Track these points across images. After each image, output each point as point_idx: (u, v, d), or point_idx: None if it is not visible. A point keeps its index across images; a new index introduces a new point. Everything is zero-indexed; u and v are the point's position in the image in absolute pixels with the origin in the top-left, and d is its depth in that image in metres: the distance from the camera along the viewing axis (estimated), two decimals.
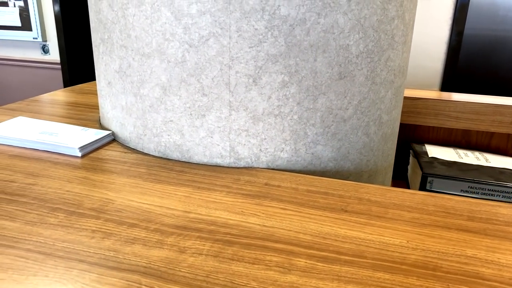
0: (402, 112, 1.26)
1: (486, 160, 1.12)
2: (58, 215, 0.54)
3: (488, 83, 2.58)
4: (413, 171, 1.15)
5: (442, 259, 0.47)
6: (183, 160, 0.72)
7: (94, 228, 0.51)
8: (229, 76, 0.65)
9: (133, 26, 0.69)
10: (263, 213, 0.56)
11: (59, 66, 3.33)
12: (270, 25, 0.63)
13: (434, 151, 1.17)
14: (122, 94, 0.75)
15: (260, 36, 0.63)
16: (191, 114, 0.69)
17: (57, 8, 3.12)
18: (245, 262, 0.45)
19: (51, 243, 0.48)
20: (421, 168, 1.02)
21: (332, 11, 0.64)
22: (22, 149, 0.75)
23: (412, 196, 0.62)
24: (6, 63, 3.43)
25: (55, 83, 3.40)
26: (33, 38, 3.29)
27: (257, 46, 0.64)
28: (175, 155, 0.73)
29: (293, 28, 0.63)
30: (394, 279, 0.44)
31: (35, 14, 3.21)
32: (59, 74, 3.36)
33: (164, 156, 0.74)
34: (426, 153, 1.15)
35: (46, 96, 1.14)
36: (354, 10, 0.65)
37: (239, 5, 0.61)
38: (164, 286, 0.41)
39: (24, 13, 3.19)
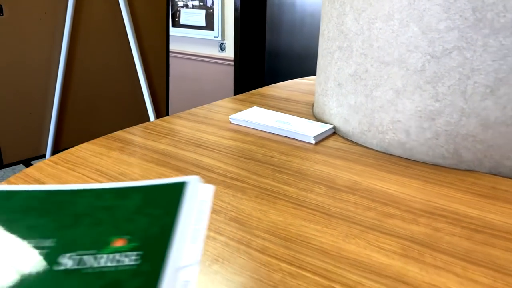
0: None
1: None
2: (321, 187, 0.68)
3: None
4: None
5: None
6: (405, 157, 0.82)
7: (355, 202, 0.64)
8: (466, 86, 0.72)
9: (377, 37, 0.80)
10: (501, 212, 0.62)
11: (232, 63, 3.75)
12: None
13: None
14: (352, 94, 0.88)
15: (506, 51, 0.68)
16: (420, 116, 0.78)
17: (237, 11, 3.51)
18: (498, 249, 0.53)
19: (328, 207, 0.62)
20: None
21: None
22: (265, 133, 0.93)
23: None
24: (189, 58, 3.99)
25: (227, 78, 3.83)
26: (214, 37, 3.75)
27: (501, 60, 0.69)
28: (398, 152, 0.82)
29: None
30: None
31: (218, 16, 3.66)
32: (231, 70, 3.78)
33: (386, 152, 0.84)
34: None
35: (261, 90, 1.35)
36: None
37: (489, 22, 0.68)
38: (433, 254, 0.51)
39: (209, 14, 3.65)
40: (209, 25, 3.74)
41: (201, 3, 3.68)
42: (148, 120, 2.04)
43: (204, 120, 1.01)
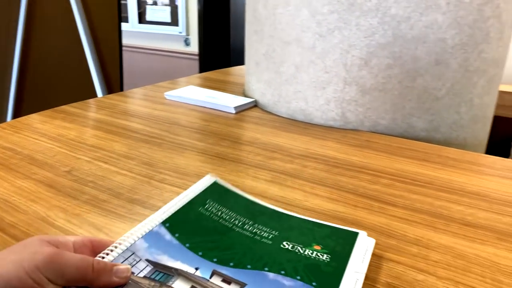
0: (506, 106, 1.34)
1: None
2: (226, 142, 0.83)
3: None
4: None
5: (495, 193, 0.64)
6: (306, 121, 0.98)
7: (250, 151, 0.79)
8: (346, 59, 0.89)
9: (280, 21, 0.96)
10: (362, 155, 0.78)
11: (197, 57, 3.88)
12: (382, 21, 0.84)
13: None
14: (265, 71, 1.04)
15: (373, 29, 0.85)
16: (315, 87, 0.94)
17: (200, 6, 3.63)
18: (346, 177, 0.69)
19: (226, 154, 0.77)
20: None
21: (433, 11, 0.83)
22: (195, 106, 1.08)
23: (485, 158, 0.78)
24: (155, 53, 4.08)
25: (192, 71, 3.95)
26: (179, 33, 3.86)
27: (370, 37, 0.86)
28: (300, 117, 0.98)
29: (400, 24, 0.84)
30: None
31: (182, 12, 3.77)
32: (196, 64, 3.91)
33: (292, 118, 1.00)
34: None
35: (203, 75, 1.50)
36: (452, 10, 0.83)
37: (359, 6, 0.84)
38: (294, 180, 0.67)
39: (173, 11, 3.75)
40: (174, 21, 3.85)
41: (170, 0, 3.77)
42: None
43: (143, 97, 1.15)
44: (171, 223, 0.46)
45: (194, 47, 3.88)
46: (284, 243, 0.46)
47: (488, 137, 1.05)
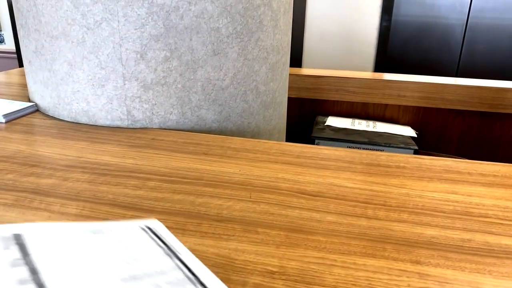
0: (309, 89, 1.45)
1: (374, 127, 1.32)
2: None
3: (417, 66, 2.82)
4: None
5: (258, 180, 0.65)
6: (91, 123, 0.88)
7: (1, 167, 0.67)
8: (121, 53, 0.81)
9: (43, 13, 0.83)
10: (139, 157, 0.73)
11: (15, 55, 3.38)
12: (150, 11, 0.79)
13: (332, 120, 1.37)
14: (39, 70, 0.90)
15: (143, 20, 0.79)
16: (93, 84, 0.85)
17: None
18: (110, 185, 0.62)
19: None
20: (312, 133, 1.22)
21: (201, 0, 0.81)
22: None
23: (263, 144, 0.80)
24: None
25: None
26: None
27: (141, 28, 0.80)
28: (84, 119, 0.88)
29: (169, 14, 0.80)
30: (216, 190, 0.61)
31: None
32: (15, 63, 3.41)
33: (76, 121, 0.89)
34: (324, 122, 1.35)
35: None
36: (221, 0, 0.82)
37: None
38: (44, 199, 0.58)
39: None
40: None
41: None
42: None
43: None
44: None
45: (10, 44, 3.37)
46: None
47: (289, 120, 1.10)
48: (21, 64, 3.30)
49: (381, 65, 2.66)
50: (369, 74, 1.46)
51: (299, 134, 1.52)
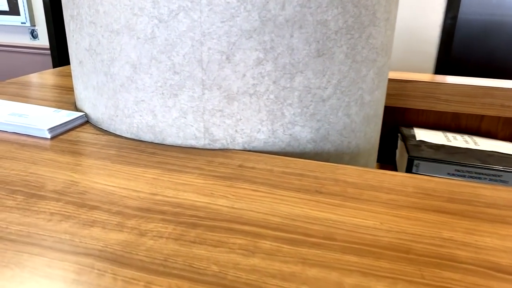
0: (391, 95, 1.23)
1: (475, 143, 1.10)
2: (16, 198, 0.51)
3: (483, 67, 2.55)
4: (401, 155, 1.13)
5: (416, 241, 0.45)
6: (157, 142, 0.70)
7: (53, 211, 0.49)
8: (201, 53, 0.62)
9: (101, 1, 0.65)
10: (233, 195, 0.53)
11: (49, 52, 3.27)
12: None
13: (422, 134, 1.15)
14: (93, 73, 0.72)
15: (232, 10, 0.60)
16: (163, 93, 0.66)
17: None
18: (207, 245, 0.43)
19: (4, 226, 0.45)
20: (408, 151, 1.00)
21: None
22: None
23: (391, 177, 0.60)
24: None
25: (44, 69, 3.34)
26: (21, 23, 3.23)
27: (230, 21, 0.60)
28: (148, 136, 0.70)
29: (267, 2, 0.60)
30: (363, 262, 0.41)
31: None
32: (49, 60, 3.31)
33: (137, 138, 0.71)
34: (414, 136, 1.13)
35: (24, 78, 1.10)
36: None
37: None
38: (118, 270, 0.39)
39: None
40: (14, 9, 3.19)
41: None
42: None
43: None
44: None
45: (43, 40, 3.27)
46: None
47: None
48: (56, 63, 3.20)
49: (443, 66, 2.41)
50: (465, 80, 1.23)
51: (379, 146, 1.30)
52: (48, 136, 0.70)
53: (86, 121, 0.78)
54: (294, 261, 0.41)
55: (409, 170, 0.98)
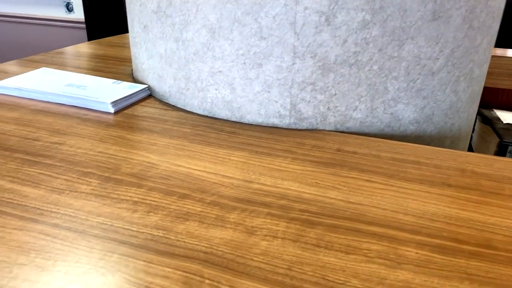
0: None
1: None
2: (90, 182, 0.43)
3: None
4: (482, 139, 1.01)
5: None
6: (233, 119, 0.61)
7: (136, 199, 0.41)
8: (296, 14, 0.52)
9: None
10: (343, 186, 0.44)
11: (84, 25, 3.22)
12: None
13: (507, 117, 1.02)
14: (160, 39, 0.63)
15: None
16: (244, 63, 0.57)
17: None
18: (336, 251, 0.34)
19: (84, 217, 0.38)
20: (499, 136, 0.88)
21: None
22: (46, 104, 0.64)
23: None
24: (29, 22, 3.36)
25: (80, 43, 3.29)
26: None
27: None
28: (224, 113, 0.61)
29: None
30: None
31: None
32: (84, 34, 3.26)
33: (211, 115, 0.62)
34: (498, 118, 1.00)
35: (71, 49, 1.03)
36: None
37: None
38: (235, 282, 0.31)
39: None
40: None
41: None
42: None
43: None
44: None
45: (78, 14, 3.22)
46: None
47: None
48: (90, 38, 3.14)
49: (502, 40, 2.21)
50: None
51: None
52: (112, 110, 0.62)
53: (149, 95, 0.70)
54: (456, 277, 0.32)
55: (500, 155, 0.86)
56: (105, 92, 0.65)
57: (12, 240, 0.34)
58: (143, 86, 0.69)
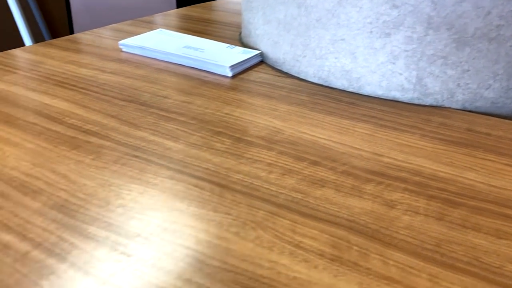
0: None
1: None
2: (223, 140, 0.45)
3: None
4: None
5: None
6: (350, 90, 0.60)
7: (269, 161, 0.42)
8: None
9: None
10: (481, 168, 0.42)
11: None
12: None
13: None
14: (281, 4, 0.63)
15: None
16: (371, 31, 0.55)
17: None
18: (485, 234, 0.33)
19: (224, 172, 0.40)
20: None
21: None
22: (167, 64, 0.68)
23: None
24: None
25: (168, 7, 3.41)
26: None
27: None
28: (340, 83, 0.60)
29: None
30: None
31: None
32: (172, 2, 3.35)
33: (326, 84, 0.61)
34: None
35: (179, 11, 1.06)
36: None
37: None
38: (383, 251, 0.31)
39: None
40: None
41: None
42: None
43: (85, 48, 0.73)
44: None
45: None
46: None
47: None
48: (179, 3, 3.21)
49: None
50: None
51: None
52: (230, 74, 0.64)
53: (261, 61, 0.71)
54: None
55: None
56: (222, 56, 0.67)
57: (165, 188, 0.37)
58: (257, 52, 0.69)
